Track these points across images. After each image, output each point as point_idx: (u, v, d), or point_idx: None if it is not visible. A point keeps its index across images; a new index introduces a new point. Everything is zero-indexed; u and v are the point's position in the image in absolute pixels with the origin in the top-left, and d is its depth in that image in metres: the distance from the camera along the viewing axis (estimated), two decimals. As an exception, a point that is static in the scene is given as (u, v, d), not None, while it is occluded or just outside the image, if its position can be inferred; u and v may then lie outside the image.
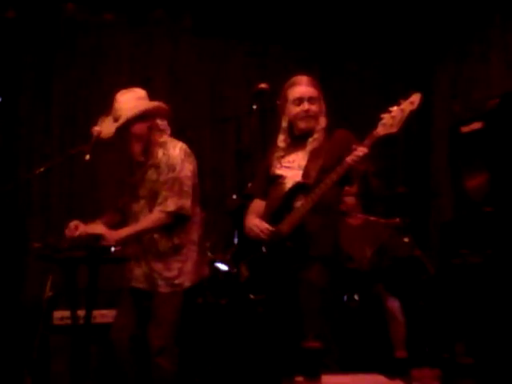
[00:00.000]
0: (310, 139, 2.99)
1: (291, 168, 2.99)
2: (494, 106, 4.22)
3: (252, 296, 3.06)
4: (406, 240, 4.20)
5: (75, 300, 3.08)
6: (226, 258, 4.14)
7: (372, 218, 4.23)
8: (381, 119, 2.78)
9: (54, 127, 4.95)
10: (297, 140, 3.05)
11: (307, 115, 2.98)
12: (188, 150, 3.09)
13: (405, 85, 5.77)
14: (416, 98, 2.79)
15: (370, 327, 3.89)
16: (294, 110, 2.99)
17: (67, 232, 2.98)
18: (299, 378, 2.36)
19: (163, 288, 3.01)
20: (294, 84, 3.03)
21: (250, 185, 3.57)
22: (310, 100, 2.98)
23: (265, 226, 2.91)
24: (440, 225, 5.14)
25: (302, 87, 3.00)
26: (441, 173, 5.42)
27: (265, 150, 3.20)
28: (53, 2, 4.93)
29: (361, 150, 2.75)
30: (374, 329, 3.89)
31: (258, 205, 3.10)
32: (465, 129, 4.45)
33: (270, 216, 2.96)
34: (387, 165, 5.67)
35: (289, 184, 2.94)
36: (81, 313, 3.04)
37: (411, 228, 4.27)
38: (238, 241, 3.29)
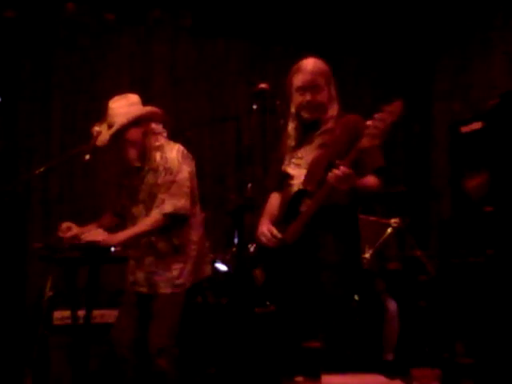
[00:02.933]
0: (317, 133, 2.83)
1: (299, 166, 2.86)
2: (493, 105, 4.22)
3: (268, 303, 3.02)
4: (406, 240, 4.19)
5: (75, 300, 3.08)
6: (226, 258, 4.14)
7: (372, 218, 4.23)
8: (367, 127, 2.58)
9: (54, 127, 4.95)
10: (307, 129, 2.88)
11: (310, 106, 2.80)
12: (185, 152, 3.08)
13: (405, 85, 5.78)
14: (396, 107, 2.55)
15: (370, 327, 3.89)
16: (297, 99, 2.82)
17: (60, 234, 2.99)
18: (299, 378, 2.36)
19: (164, 289, 3.01)
20: (298, 70, 2.82)
21: (249, 186, 3.54)
22: (314, 89, 2.78)
23: (273, 232, 2.82)
24: (438, 222, 5.15)
25: (305, 75, 2.79)
26: (441, 173, 5.42)
27: (266, 150, 3.16)
28: (53, 2, 4.92)
29: (341, 171, 2.57)
30: (374, 329, 3.89)
31: (275, 201, 2.99)
32: (465, 129, 4.45)
33: (280, 220, 2.88)
34: (387, 165, 5.67)
35: (295, 186, 2.84)
36: (81, 313, 3.04)
37: (411, 228, 4.27)
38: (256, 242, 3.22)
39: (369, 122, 2.57)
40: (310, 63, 2.83)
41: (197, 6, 5.28)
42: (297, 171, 2.87)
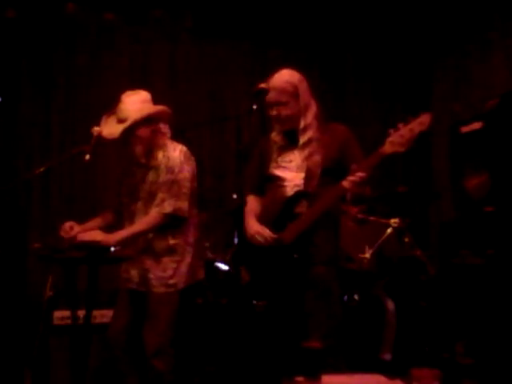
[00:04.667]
0: (301, 140, 2.94)
1: (289, 169, 2.96)
2: (493, 105, 4.21)
3: (255, 302, 3.04)
4: (406, 240, 4.19)
5: (75, 300, 3.08)
6: (226, 258, 4.14)
7: (372, 218, 4.23)
8: (388, 135, 2.73)
9: (54, 127, 4.95)
10: (289, 136, 3.00)
11: (278, 120, 2.95)
12: (188, 153, 3.10)
13: (405, 84, 5.78)
14: (426, 118, 2.72)
15: (370, 327, 3.89)
16: (269, 113, 2.96)
17: (62, 233, 2.99)
18: (299, 378, 2.36)
19: (157, 288, 3.01)
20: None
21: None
22: (278, 105, 2.91)
23: (267, 233, 2.88)
24: (439, 224, 5.14)
25: (269, 93, 2.89)
26: (441, 173, 5.41)
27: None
28: (53, 2, 4.92)
29: (358, 176, 2.72)
30: (374, 329, 3.89)
31: (254, 202, 3.07)
32: (465, 129, 4.44)
33: (271, 220, 2.93)
34: (387, 165, 5.67)
35: (289, 188, 2.92)
36: (81, 313, 3.04)
37: (411, 228, 4.27)
38: (238, 241, 3.30)
39: (390, 130, 2.72)
40: (273, 80, 2.94)
41: (197, 7, 5.28)
42: (288, 174, 2.95)
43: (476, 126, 4.32)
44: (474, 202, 4.31)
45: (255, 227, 2.94)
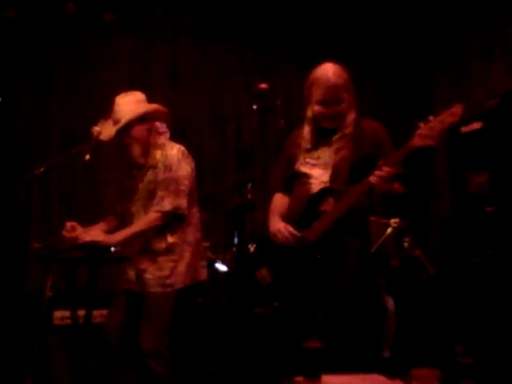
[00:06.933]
0: (337, 136, 2.79)
1: (317, 166, 2.81)
2: (493, 105, 4.22)
3: (276, 304, 2.99)
4: (406, 240, 4.19)
5: (75, 300, 3.08)
6: (226, 258, 4.14)
7: (372, 218, 4.22)
8: (417, 127, 2.59)
9: (54, 127, 4.95)
10: (323, 132, 2.84)
11: (331, 117, 2.77)
12: (186, 152, 3.09)
13: (405, 84, 5.78)
14: (458, 109, 2.54)
15: (370, 327, 3.89)
16: (319, 109, 2.77)
17: (64, 232, 2.99)
18: (299, 378, 2.36)
19: (154, 288, 2.99)
20: (318, 83, 2.76)
21: (249, 186, 3.52)
22: (336, 102, 2.75)
23: (290, 231, 2.75)
24: (439, 224, 5.14)
25: (327, 90, 2.73)
26: (441, 173, 5.42)
27: (266, 149, 3.15)
28: (53, 2, 4.93)
29: (385, 171, 2.59)
30: (374, 329, 3.89)
31: (281, 201, 2.94)
32: (465, 129, 4.45)
33: (296, 219, 2.80)
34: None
35: (315, 185, 2.78)
36: (81, 313, 3.05)
37: (411, 228, 4.27)
38: (258, 240, 3.20)
39: (420, 124, 2.58)
40: (331, 76, 2.75)
41: (197, 7, 5.28)
42: (315, 171, 2.81)
43: (476, 125, 4.32)
44: (475, 201, 4.31)
45: (277, 225, 2.81)
